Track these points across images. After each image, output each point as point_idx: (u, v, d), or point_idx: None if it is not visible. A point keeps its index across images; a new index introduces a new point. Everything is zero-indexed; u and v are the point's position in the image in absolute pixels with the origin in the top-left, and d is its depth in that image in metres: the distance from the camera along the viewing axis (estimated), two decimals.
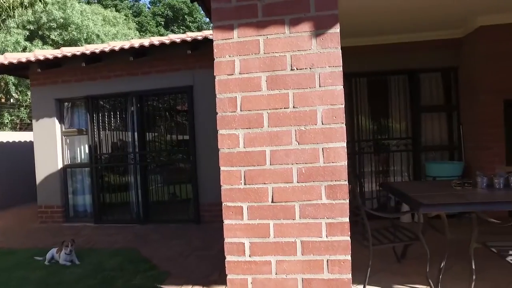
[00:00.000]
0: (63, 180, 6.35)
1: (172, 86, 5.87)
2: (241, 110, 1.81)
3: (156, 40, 5.63)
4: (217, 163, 1.86)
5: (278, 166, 1.78)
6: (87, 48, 5.97)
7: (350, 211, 1.77)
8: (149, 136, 6.38)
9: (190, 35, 5.68)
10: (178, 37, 5.65)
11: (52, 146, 6.30)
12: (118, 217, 6.17)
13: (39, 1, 12.73)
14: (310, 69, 1.77)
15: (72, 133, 6.42)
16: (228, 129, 1.82)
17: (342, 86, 1.75)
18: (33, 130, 6.47)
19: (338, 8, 1.77)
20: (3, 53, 7.62)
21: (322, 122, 1.75)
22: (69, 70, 6.10)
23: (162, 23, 25.47)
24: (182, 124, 6.70)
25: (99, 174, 6.33)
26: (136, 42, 5.73)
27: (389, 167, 5.64)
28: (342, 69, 1.76)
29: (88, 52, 5.60)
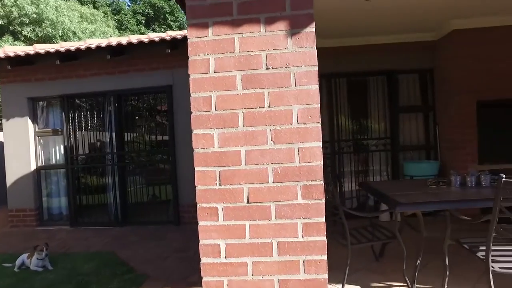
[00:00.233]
0: (37, 182, 6.11)
1: (151, 85, 5.76)
2: (216, 110, 1.78)
3: (134, 38, 5.51)
4: None
5: (253, 166, 1.76)
6: (62, 45, 5.77)
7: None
8: (128, 136, 6.24)
9: (169, 34, 5.59)
10: (157, 36, 5.55)
11: (24, 146, 6.05)
12: (95, 219, 5.99)
13: None
14: (286, 68, 1.76)
15: (46, 133, 6.19)
16: (202, 128, 1.79)
17: (318, 86, 1.75)
18: (3, 130, 6.19)
19: (313, 7, 1.77)
20: None
21: (297, 121, 1.75)
22: (42, 68, 5.87)
23: (143, 22, 25.00)
24: (162, 124, 6.58)
25: (75, 176, 6.14)
26: (114, 40, 5.59)
27: (368, 167, 5.73)
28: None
29: (62, 49, 5.42)
